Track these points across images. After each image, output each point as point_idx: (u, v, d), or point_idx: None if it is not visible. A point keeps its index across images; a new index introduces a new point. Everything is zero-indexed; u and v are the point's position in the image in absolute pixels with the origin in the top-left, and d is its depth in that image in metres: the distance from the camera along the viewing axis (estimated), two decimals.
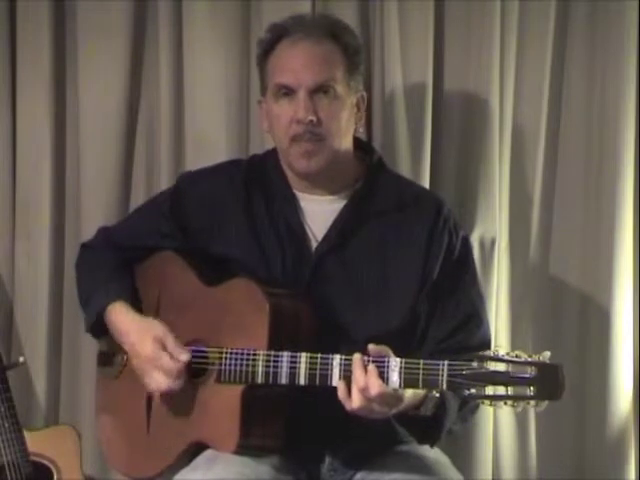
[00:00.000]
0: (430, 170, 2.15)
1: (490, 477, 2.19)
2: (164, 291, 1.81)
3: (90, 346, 2.04)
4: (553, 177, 2.22)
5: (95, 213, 2.19)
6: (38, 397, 2.25)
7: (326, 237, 1.79)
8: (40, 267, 2.23)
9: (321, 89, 1.74)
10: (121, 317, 1.77)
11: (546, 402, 1.49)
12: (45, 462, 2.08)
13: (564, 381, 1.48)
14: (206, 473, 1.65)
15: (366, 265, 1.79)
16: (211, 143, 2.18)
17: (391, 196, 1.83)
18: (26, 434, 2.07)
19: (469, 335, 1.80)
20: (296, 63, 1.74)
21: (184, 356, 1.69)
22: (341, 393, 1.60)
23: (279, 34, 1.78)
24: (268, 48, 1.79)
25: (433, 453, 1.80)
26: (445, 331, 1.79)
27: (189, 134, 2.19)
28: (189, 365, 1.71)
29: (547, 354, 1.50)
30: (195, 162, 2.11)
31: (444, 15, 2.16)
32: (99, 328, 1.82)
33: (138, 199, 2.19)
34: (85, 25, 2.20)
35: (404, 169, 2.11)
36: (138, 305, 1.81)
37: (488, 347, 1.80)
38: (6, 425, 2.04)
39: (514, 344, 2.18)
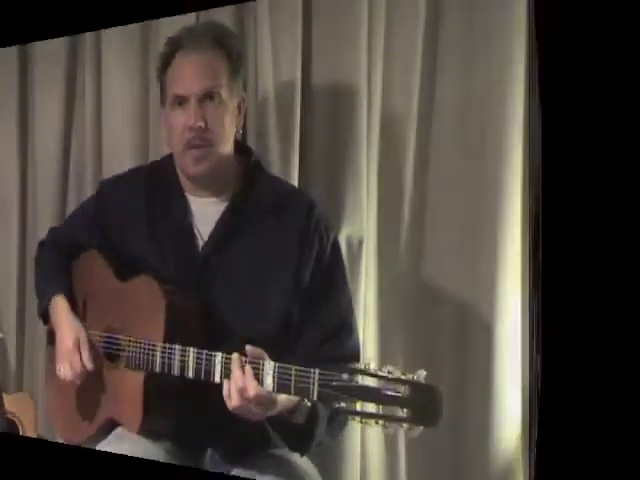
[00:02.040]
0: (299, 170, 2.09)
1: None
2: (89, 284, 2.02)
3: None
4: (425, 173, 2.02)
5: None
6: (11, 366, 2.64)
7: (209, 239, 1.86)
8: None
9: (208, 96, 1.83)
10: (59, 310, 2.01)
11: (420, 428, 1.35)
12: (14, 419, 2.49)
13: (441, 406, 1.34)
14: (116, 448, 1.83)
15: (245, 267, 1.83)
16: (122, 153, 2.37)
17: (268, 198, 1.86)
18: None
19: (340, 344, 1.77)
20: (186, 74, 1.85)
21: (89, 365, 1.89)
22: (225, 391, 1.65)
23: (174, 48, 1.89)
24: (166, 61, 1.91)
25: (303, 463, 1.80)
26: (318, 338, 1.78)
27: (106, 146, 2.42)
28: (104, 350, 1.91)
29: (422, 373, 1.38)
30: (110, 170, 2.31)
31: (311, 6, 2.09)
32: (48, 315, 2.09)
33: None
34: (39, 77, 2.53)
35: (274, 168, 2.08)
36: (72, 296, 2.05)
37: (357, 358, 1.76)
38: None
39: (383, 355, 2.02)
